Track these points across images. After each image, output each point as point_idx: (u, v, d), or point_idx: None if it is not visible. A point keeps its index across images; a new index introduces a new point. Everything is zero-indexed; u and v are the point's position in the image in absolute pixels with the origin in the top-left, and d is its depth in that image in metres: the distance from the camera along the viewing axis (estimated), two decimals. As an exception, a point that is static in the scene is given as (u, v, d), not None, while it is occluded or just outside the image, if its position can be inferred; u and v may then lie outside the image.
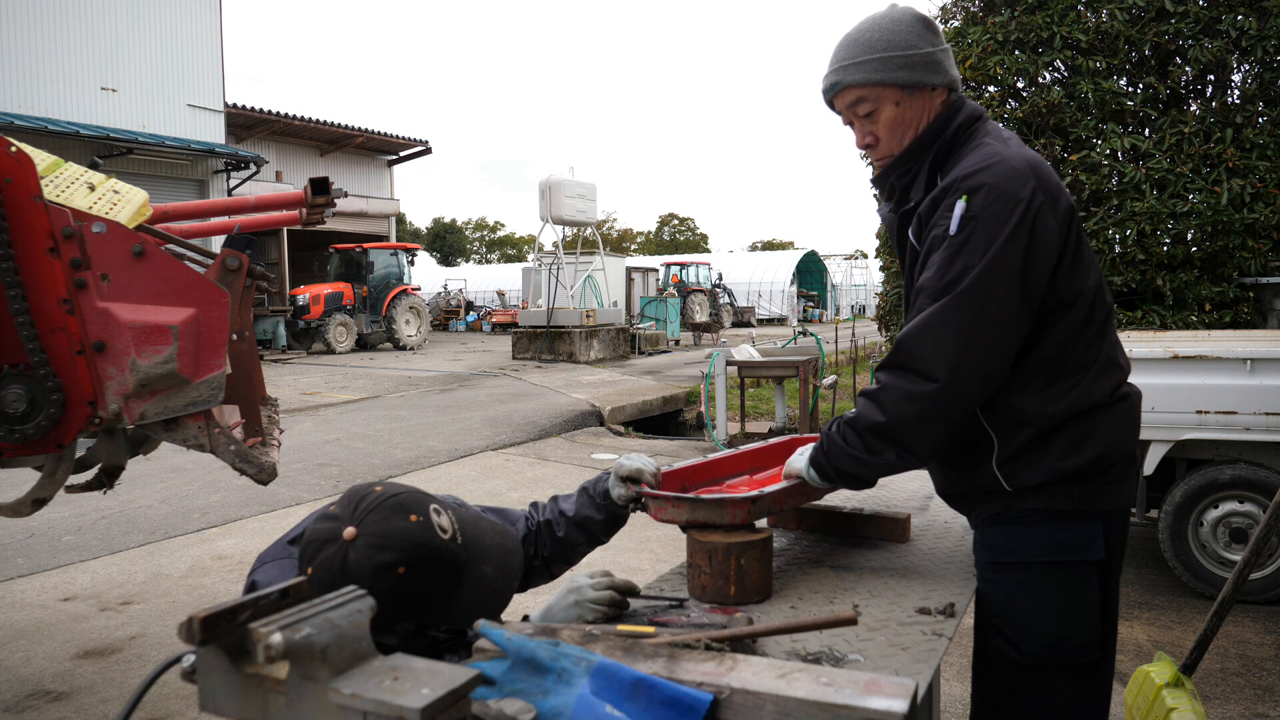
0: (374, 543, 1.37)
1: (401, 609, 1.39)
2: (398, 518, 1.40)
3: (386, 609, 1.31)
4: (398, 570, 1.37)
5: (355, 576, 1.34)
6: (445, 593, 1.43)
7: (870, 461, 1.66)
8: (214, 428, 2.59)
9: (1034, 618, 1.65)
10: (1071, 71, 8.17)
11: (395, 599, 1.36)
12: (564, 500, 1.95)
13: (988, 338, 1.57)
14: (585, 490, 1.93)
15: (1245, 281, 7.68)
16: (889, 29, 1.69)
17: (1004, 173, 1.58)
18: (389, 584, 1.35)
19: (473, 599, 1.46)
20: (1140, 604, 4.47)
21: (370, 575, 1.35)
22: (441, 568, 1.42)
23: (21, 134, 12.90)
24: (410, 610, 1.41)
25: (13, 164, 2.27)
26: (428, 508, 1.46)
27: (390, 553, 1.37)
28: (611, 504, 1.89)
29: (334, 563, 1.36)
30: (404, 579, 1.37)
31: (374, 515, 1.40)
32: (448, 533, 1.45)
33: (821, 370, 9.86)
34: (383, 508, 1.41)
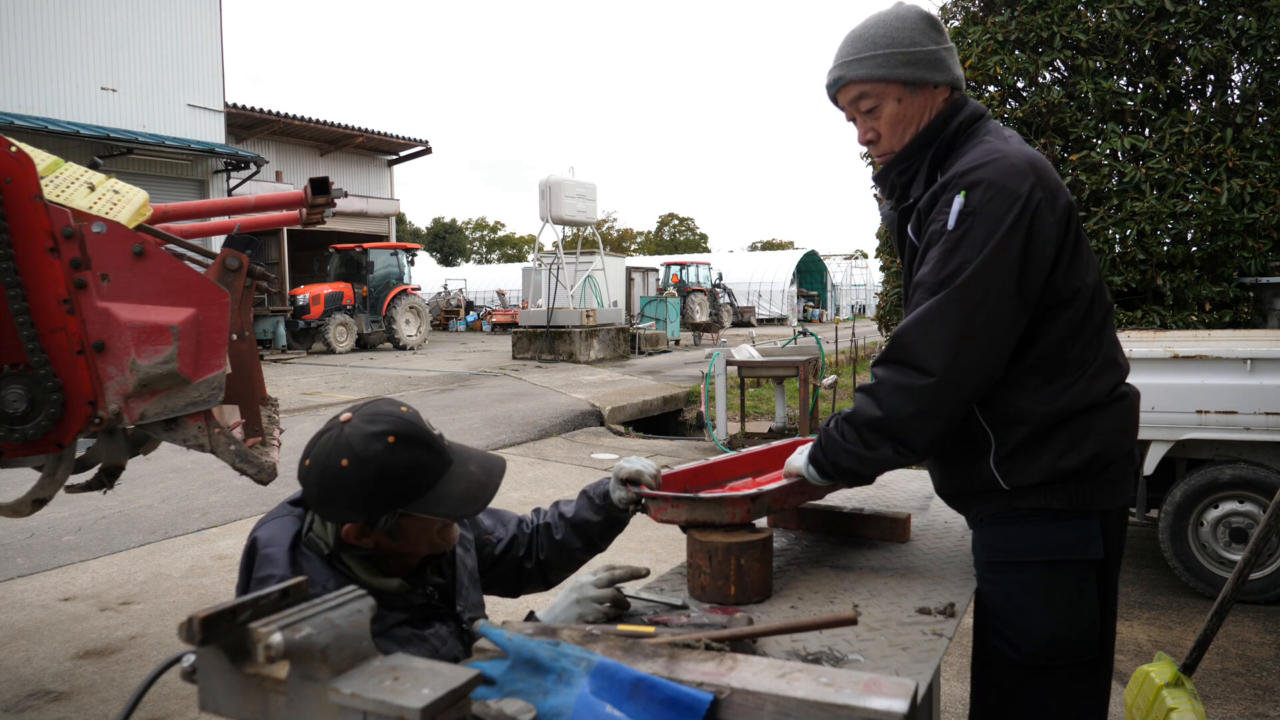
0: (367, 418, 1.50)
1: (391, 484, 1.46)
2: (389, 406, 1.55)
3: (378, 485, 1.45)
4: (388, 439, 1.47)
5: (349, 448, 1.46)
6: (433, 475, 1.52)
7: (868, 457, 1.66)
8: (214, 428, 2.59)
9: (1033, 617, 1.65)
10: (1071, 71, 8.17)
11: (385, 471, 1.46)
12: (565, 504, 1.97)
13: (984, 332, 1.57)
14: (586, 493, 1.94)
15: (1245, 281, 7.68)
16: (893, 26, 1.69)
17: (1003, 169, 1.58)
18: (378, 452, 1.46)
19: (460, 490, 1.54)
20: (1140, 604, 4.47)
21: (362, 442, 1.46)
22: (428, 448, 1.52)
23: (21, 134, 12.90)
24: (400, 487, 1.48)
25: (13, 164, 2.27)
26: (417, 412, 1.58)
27: (381, 424, 1.49)
28: (611, 507, 1.89)
29: (330, 442, 1.49)
30: (393, 447, 1.47)
31: (368, 407, 1.55)
32: (435, 431, 1.57)
33: (821, 370, 9.86)
34: (376, 403, 1.56)
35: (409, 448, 1.50)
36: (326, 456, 1.48)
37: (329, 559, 1.55)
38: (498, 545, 1.91)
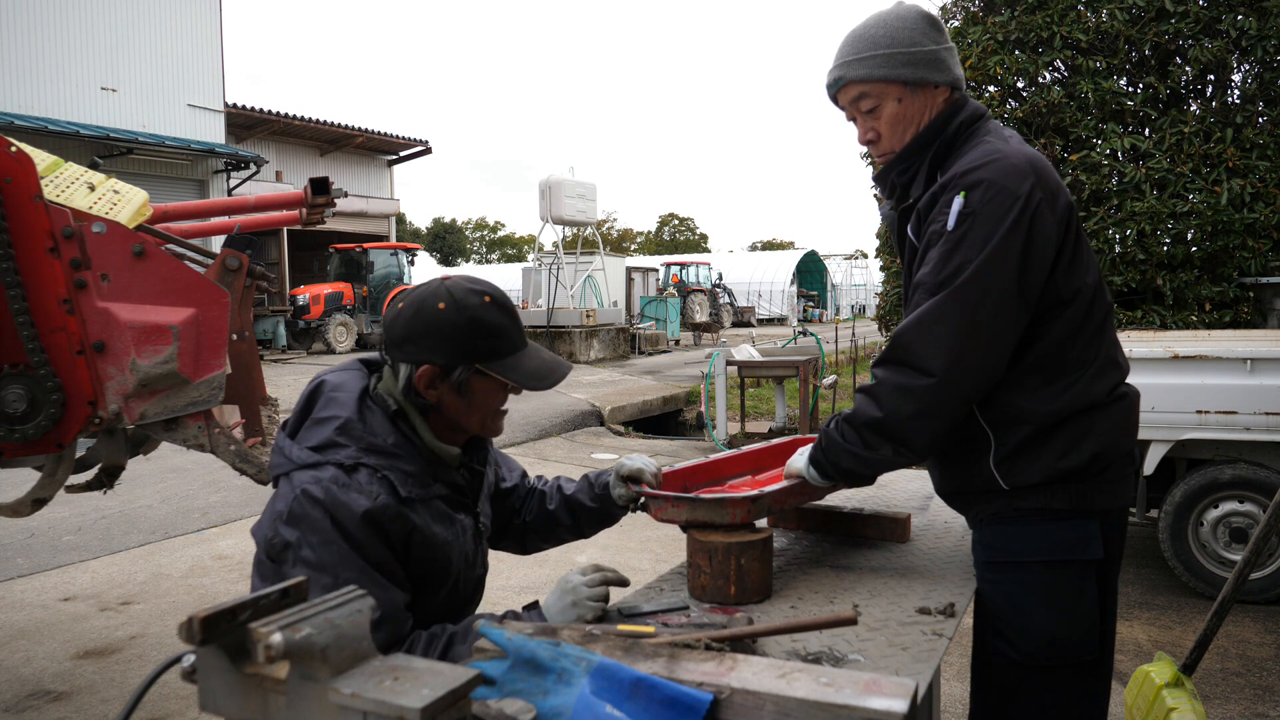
0: (467, 280, 1.61)
1: (478, 337, 1.56)
2: (486, 282, 1.65)
3: (466, 334, 1.55)
4: (484, 298, 1.58)
5: (449, 294, 1.56)
6: (512, 345, 1.61)
7: (868, 457, 1.66)
8: (214, 428, 2.59)
9: (1033, 617, 1.65)
10: (1071, 71, 8.17)
11: (477, 323, 1.56)
12: (565, 481, 2.00)
13: (985, 332, 1.57)
14: (588, 478, 1.97)
15: (1245, 281, 7.68)
16: (894, 26, 1.69)
17: (1003, 169, 1.58)
18: (475, 305, 1.56)
19: (532, 366, 1.62)
20: (1140, 604, 4.47)
21: (462, 294, 1.56)
22: (514, 320, 1.63)
23: (21, 134, 12.90)
24: (484, 343, 1.57)
25: (13, 164, 2.27)
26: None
27: (480, 287, 1.60)
28: (607, 499, 1.91)
29: (428, 289, 1.59)
30: (488, 306, 1.58)
31: (467, 276, 1.64)
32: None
33: (821, 370, 9.86)
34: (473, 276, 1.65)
35: (501, 312, 1.60)
36: (423, 299, 1.57)
37: (394, 416, 1.59)
38: (502, 483, 1.93)
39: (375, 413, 1.58)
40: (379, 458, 1.53)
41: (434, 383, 1.57)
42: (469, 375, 1.57)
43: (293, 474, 1.52)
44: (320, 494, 1.47)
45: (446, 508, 1.63)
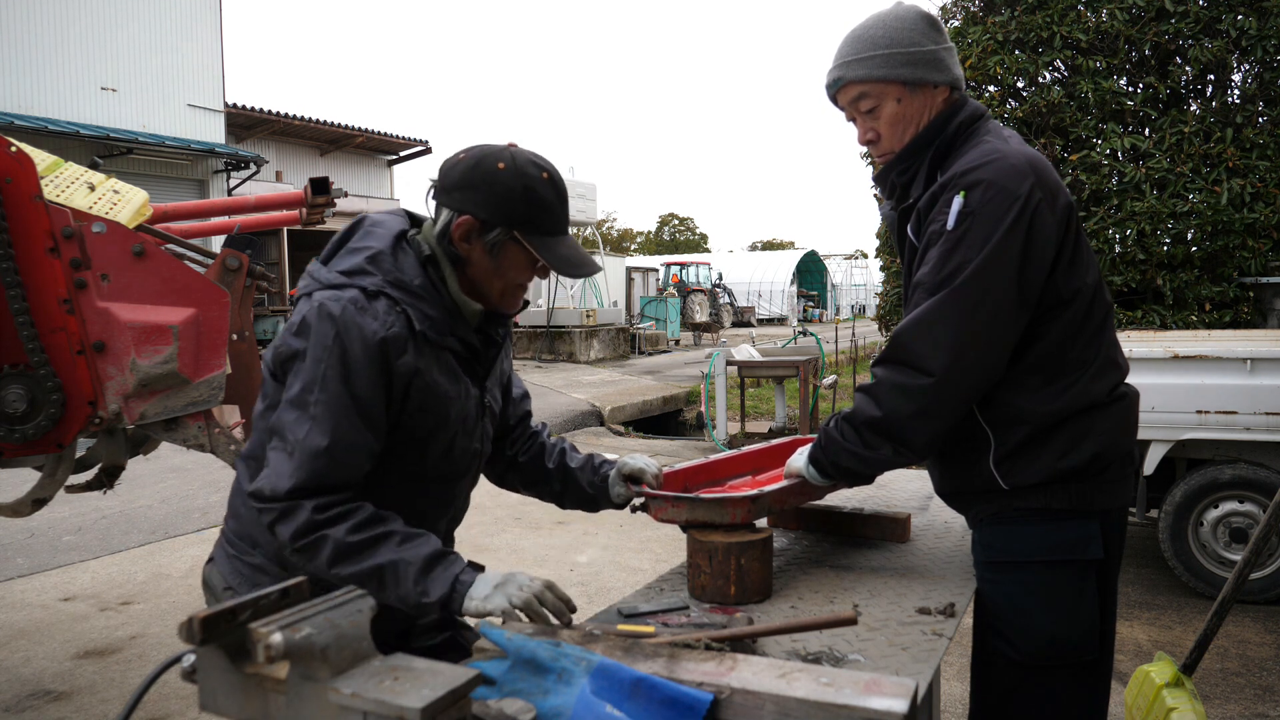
0: (534, 154, 1.62)
1: (525, 205, 1.57)
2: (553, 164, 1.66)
3: (516, 197, 1.56)
4: (544, 174, 1.59)
5: (512, 159, 1.57)
6: (554, 226, 1.61)
7: (867, 457, 1.66)
8: (214, 428, 2.59)
9: (1032, 617, 1.65)
10: (1071, 71, 8.17)
11: (530, 192, 1.56)
12: (571, 449, 1.98)
13: (984, 332, 1.57)
14: (591, 460, 1.95)
15: (1245, 281, 7.68)
16: (893, 26, 1.69)
17: (1002, 169, 1.58)
18: (533, 175, 1.57)
19: (565, 252, 1.62)
20: (1140, 604, 4.47)
21: (525, 162, 1.58)
22: (564, 205, 1.63)
23: (21, 134, 12.89)
24: (529, 212, 1.57)
25: (13, 164, 2.27)
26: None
27: (545, 163, 1.61)
28: (602, 491, 1.90)
29: (494, 149, 1.59)
30: (545, 181, 1.59)
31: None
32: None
33: (821, 370, 9.86)
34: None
35: (555, 191, 1.60)
36: (485, 154, 1.58)
37: (425, 261, 1.61)
38: (511, 390, 1.93)
39: (408, 254, 1.60)
40: (402, 293, 1.55)
41: (470, 236, 1.58)
42: (505, 239, 1.58)
43: (315, 293, 1.55)
44: (336, 311, 1.49)
45: (456, 365, 1.64)
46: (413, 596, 1.46)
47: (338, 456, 1.46)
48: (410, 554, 1.47)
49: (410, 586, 1.46)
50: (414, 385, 1.55)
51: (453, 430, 1.64)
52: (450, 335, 1.61)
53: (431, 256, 1.61)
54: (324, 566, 1.47)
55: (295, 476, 1.45)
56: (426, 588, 1.46)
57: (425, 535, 1.52)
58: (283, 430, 1.49)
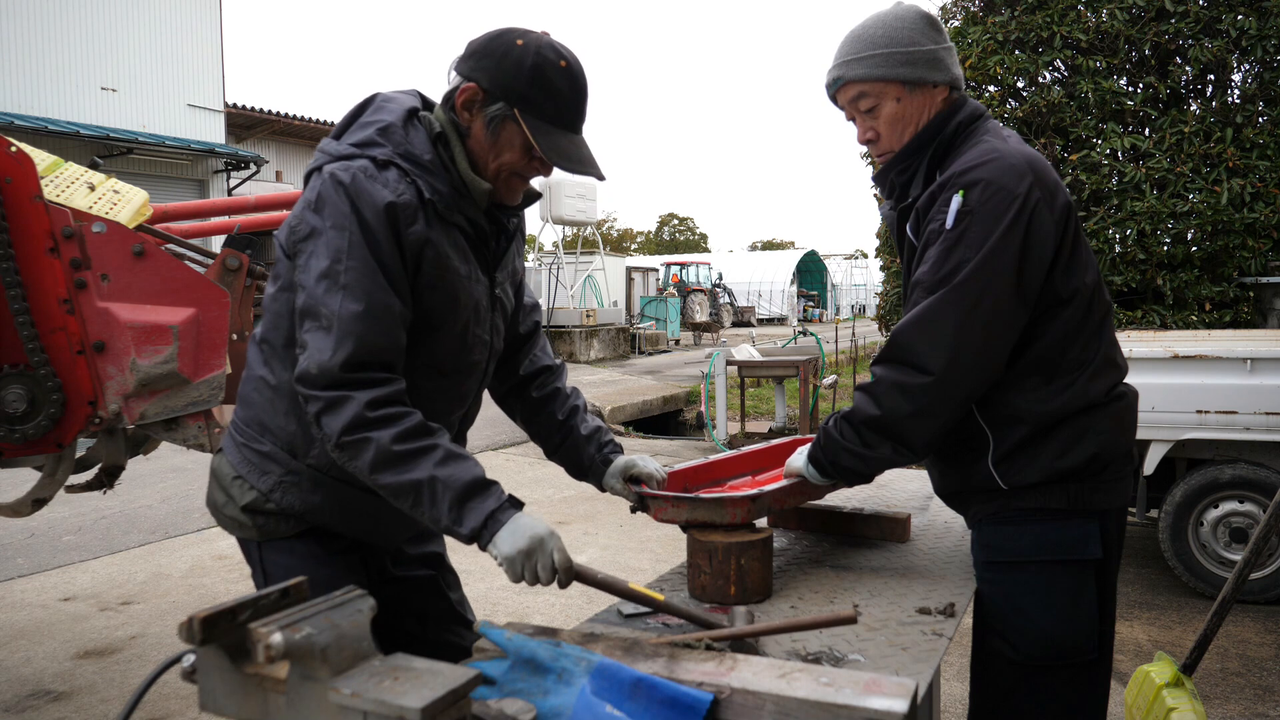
0: (560, 45, 1.58)
1: (531, 85, 1.53)
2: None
3: (524, 76, 1.52)
4: (561, 63, 1.55)
5: (533, 39, 1.55)
6: (559, 118, 1.57)
7: (867, 456, 1.66)
8: (214, 428, 2.59)
9: (1032, 617, 1.65)
10: (1071, 71, 8.17)
11: (539, 74, 1.53)
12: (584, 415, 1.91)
13: (983, 331, 1.57)
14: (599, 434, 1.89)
15: (1245, 281, 7.68)
16: (893, 25, 1.69)
17: (1001, 168, 1.58)
18: (549, 59, 1.54)
19: (565, 145, 1.58)
20: (1140, 604, 4.47)
21: (546, 46, 1.55)
22: (579, 100, 1.59)
23: (21, 134, 12.90)
24: (533, 93, 1.54)
25: (13, 164, 2.27)
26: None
27: (568, 55, 1.58)
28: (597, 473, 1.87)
29: (523, 29, 1.57)
30: (560, 70, 1.55)
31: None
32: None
33: (821, 370, 9.86)
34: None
35: (569, 82, 1.56)
36: (508, 30, 1.57)
37: (435, 139, 1.59)
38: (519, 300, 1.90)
39: (419, 130, 1.59)
40: (412, 164, 1.54)
41: (471, 105, 1.56)
42: (504, 115, 1.55)
43: (325, 166, 1.53)
44: (347, 179, 1.48)
45: (466, 245, 1.62)
46: (444, 521, 1.43)
47: (375, 320, 1.45)
48: (451, 475, 1.43)
49: (444, 510, 1.43)
50: (425, 257, 1.53)
51: (465, 315, 1.61)
52: (458, 213, 1.59)
53: (442, 134, 1.59)
54: (364, 470, 1.44)
55: (339, 348, 1.43)
56: (460, 516, 1.43)
57: (467, 457, 1.48)
58: (316, 307, 1.46)
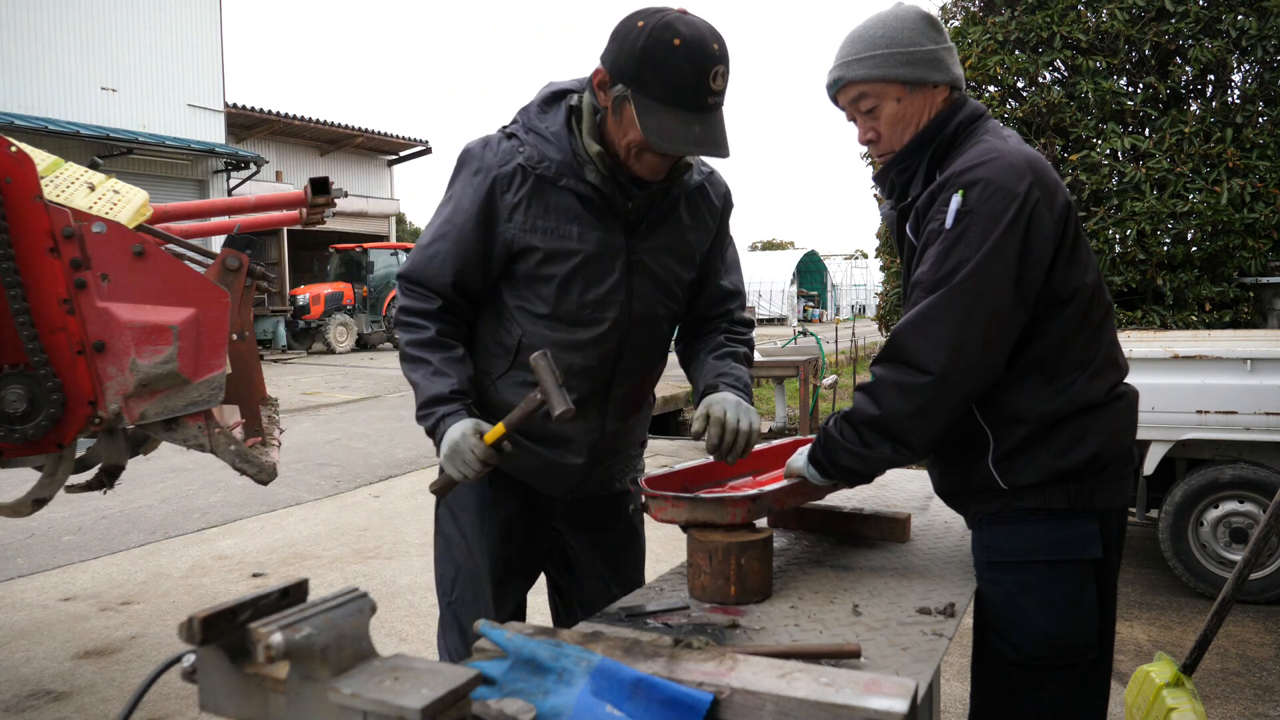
0: (688, 20, 1.62)
1: (641, 65, 1.61)
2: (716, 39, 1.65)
3: (634, 56, 1.61)
4: (675, 40, 1.59)
5: (657, 18, 1.60)
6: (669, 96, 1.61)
7: (867, 456, 1.66)
8: (214, 428, 2.59)
9: (1032, 617, 1.65)
10: (1071, 71, 8.17)
11: (649, 53, 1.60)
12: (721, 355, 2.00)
13: (983, 331, 1.57)
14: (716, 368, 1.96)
15: (1245, 281, 7.67)
16: (893, 26, 1.69)
17: (1000, 168, 1.58)
18: (660, 41, 1.59)
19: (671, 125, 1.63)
20: (1140, 604, 4.47)
21: (662, 26, 1.59)
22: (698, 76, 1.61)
23: (21, 134, 12.89)
24: (644, 74, 1.61)
25: (13, 164, 2.27)
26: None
27: (690, 33, 1.60)
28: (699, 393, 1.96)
29: (653, 9, 1.63)
30: (674, 49, 1.59)
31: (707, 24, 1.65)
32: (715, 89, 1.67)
33: (821, 370, 9.86)
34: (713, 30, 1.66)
35: (683, 58, 1.59)
36: (639, 12, 1.64)
37: (571, 111, 1.78)
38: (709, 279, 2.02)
39: (558, 109, 1.79)
40: (532, 135, 1.77)
41: (603, 86, 1.68)
42: (623, 97, 1.64)
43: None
44: (475, 146, 1.81)
45: (582, 208, 1.77)
46: (419, 418, 1.76)
47: (425, 257, 1.82)
48: (426, 386, 1.75)
49: (418, 410, 1.76)
50: (521, 208, 1.76)
51: (572, 271, 1.78)
52: (570, 177, 1.74)
53: (577, 107, 1.77)
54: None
55: (404, 264, 1.88)
56: (421, 419, 1.75)
57: (448, 375, 1.76)
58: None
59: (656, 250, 1.86)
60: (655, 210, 1.83)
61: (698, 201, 1.92)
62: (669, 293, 1.93)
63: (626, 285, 1.83)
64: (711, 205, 1.96)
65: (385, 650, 0.98)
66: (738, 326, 2.05)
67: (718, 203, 1.98)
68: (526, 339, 1.83)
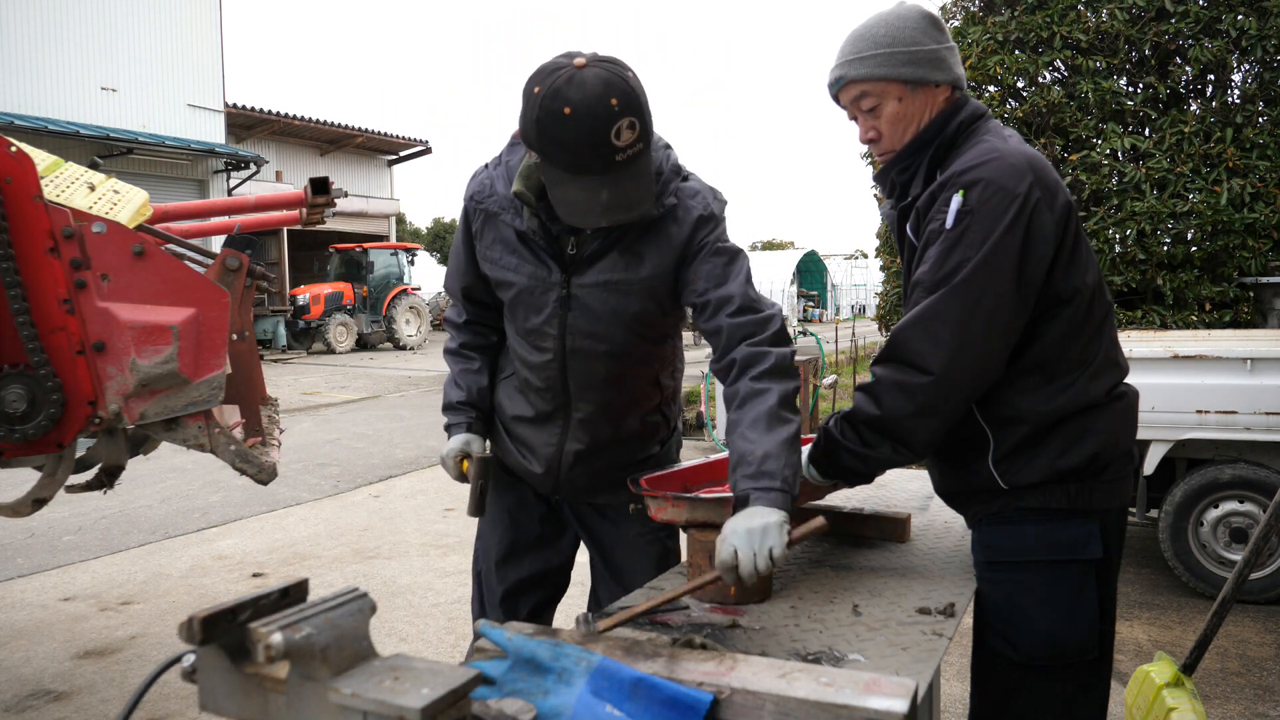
0: (584, 84, 1.55)
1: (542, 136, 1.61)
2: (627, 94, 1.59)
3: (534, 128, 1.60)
4: (564, 109, 1.55)
5: (549, 84, 1.57)
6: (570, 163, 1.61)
7: (867, 455, 1.66)
8: (214, 428, 2.59)
9: (1032, 617, 1.65)
10: (1071, 71, 8.17)
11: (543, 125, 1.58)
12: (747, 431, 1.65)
13: (983, 331, 1.57)
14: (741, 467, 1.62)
15: (1245, 281, 7.67)
16: (895, 25, 1.69)
17: (1001, 168, 1.58)
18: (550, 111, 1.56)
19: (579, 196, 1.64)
20: (1140, 604, 4.47)
21: (550, 94, 1.56)
22: (590, 144, 1.58)
23: (21, 134, 12.89)
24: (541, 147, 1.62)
25: (13, 164, 2.27)
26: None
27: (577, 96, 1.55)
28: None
29: (551, 65, 1.60)
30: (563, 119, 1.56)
31: (616, 76, 1.59)
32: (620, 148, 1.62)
33: (822, 370, 9.85)
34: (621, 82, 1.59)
35: (574, 129, 1.56)
36: (539, 70, 1.61)
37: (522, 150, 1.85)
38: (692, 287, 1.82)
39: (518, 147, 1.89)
40: (501, 169, 1.91)
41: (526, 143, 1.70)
42: (538, 161, 1.68)
43: None
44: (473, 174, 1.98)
45: (519, 243, 1.87)
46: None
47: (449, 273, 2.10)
48: (446, 391, 2.10)
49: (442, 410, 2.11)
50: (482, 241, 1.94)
51: (517, 301, 1.91)
52: (510, 213, 1.86)
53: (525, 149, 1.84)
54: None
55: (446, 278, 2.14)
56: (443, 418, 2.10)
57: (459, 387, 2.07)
58: None
59: (593, 286, 1.81)
60: (590, 248, 1.80)
61: (655, 233, 1.80)
62: (617, 325, 1.85)
63: (560, 319, 1.86)
64: (672, 234, 1.80)
65: (385, 650, 0.98)
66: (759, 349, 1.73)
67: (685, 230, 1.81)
68: (512, 350, 2.03)
